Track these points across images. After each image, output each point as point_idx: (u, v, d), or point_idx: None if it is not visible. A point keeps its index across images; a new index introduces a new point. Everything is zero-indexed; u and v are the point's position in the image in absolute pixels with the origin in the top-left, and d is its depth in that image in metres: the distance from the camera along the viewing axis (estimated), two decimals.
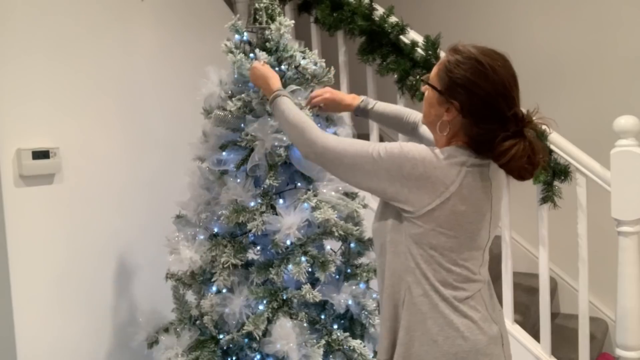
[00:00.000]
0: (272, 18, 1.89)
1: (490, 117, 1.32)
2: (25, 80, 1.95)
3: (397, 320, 1.39)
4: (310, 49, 2.33)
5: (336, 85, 2.93)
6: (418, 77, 2.59)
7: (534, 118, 1.34)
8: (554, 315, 3.29)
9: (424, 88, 1.43)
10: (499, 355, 1.37)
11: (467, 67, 1.32)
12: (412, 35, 2.68)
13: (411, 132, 1.77)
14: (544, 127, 1.37)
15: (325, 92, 1.81)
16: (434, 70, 1.40)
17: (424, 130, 1.69)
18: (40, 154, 1.97)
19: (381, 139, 3.04)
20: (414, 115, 1.77)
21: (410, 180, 1.31)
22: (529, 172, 1.33)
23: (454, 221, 1.33)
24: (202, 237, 1.88)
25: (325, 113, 1.90)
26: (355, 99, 1.81)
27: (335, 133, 1.94)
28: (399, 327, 1.39)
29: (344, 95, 1.83)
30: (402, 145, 1.34)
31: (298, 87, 1.83)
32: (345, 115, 2.91)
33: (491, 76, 1.31)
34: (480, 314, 1.36)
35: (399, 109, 1.81)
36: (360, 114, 1.82)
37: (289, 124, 1.54)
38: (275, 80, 1.68)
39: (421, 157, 1.31)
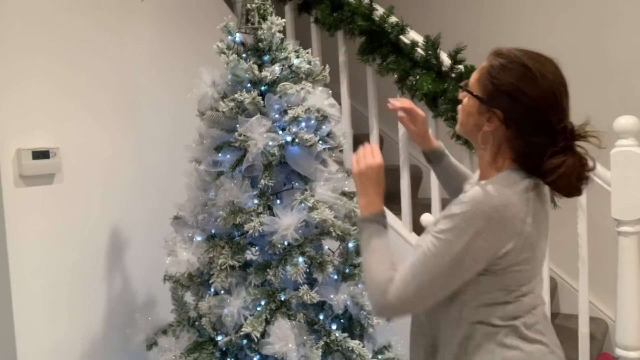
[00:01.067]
0: (264, 18, 1.89)
1: (537, 129, 1.20)
2: (25, 80, 1.95)
3: None
4: (311, 49, 2.33)
5: (336, 85, 2.94)
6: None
7: (585, 131, 1.23)
8: (554, 315, 3.29)
9: (462, 95, 1.31)
10: None
11: (512, 72, 1.21)
12: (412, 35, 2.68)
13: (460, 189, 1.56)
14: (594, 141, 1.23)
15: (408, 104, 1.59)
16: (474, 75, 1.29)
17: None
18: (40, 154, 1.97)
19: (381, 139, 3.04)
20: (470, 175, 1.61)
21: (489, 237, 1.17)
22: (578, 189, 1.23)
23: (530, 252, 1.22)
24: (199, 238, 1.88)
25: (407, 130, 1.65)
26: (433, 139, 1.63)
27: (330, 131, 1.93)
28: None
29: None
30: (461, 212, 1.18)
31: (291, 88, 1.83)
32: (346, 116, 2.92)
33: (540, 83, 1.20)
34: (548, 338, 1.29)
35: (464, 168, 1.66)
36: (433, 157, 1.63)
37: (367, 268, 1.30)
38: (380, 196, 1.37)
39: (490, 206, 1.17)
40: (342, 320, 1.95)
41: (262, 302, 1.78)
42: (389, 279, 1.24)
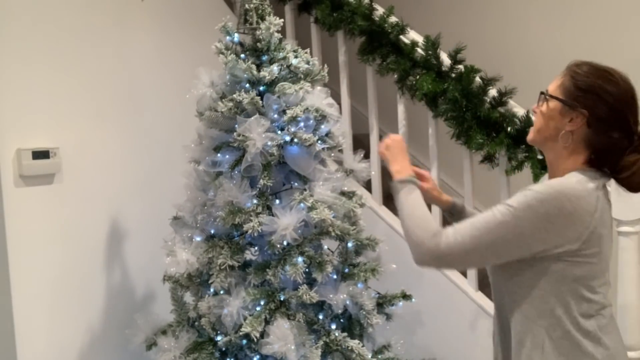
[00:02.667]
0: (262, 18, 1.89)
1: (618, 126, 1.33)
2: (25, 80, 1.96)
3: None
4: (310, 49, 2.33)
5: (336, 85, 2.94)
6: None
7: None
8: None
9: (537, 107, 1.43)
10: None
11: (596, 75, 1.35)
12: (412, 35, 2.68)
13: None
14: None
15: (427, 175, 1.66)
16: (555, 84, 1.41)
17: None
18: (40, 154, 1.97)
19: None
20: None
21: (557, 222, 1.27)
22: None
23: (597, 247, 1.31)
24: (198, 238, 1.88)
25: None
26: (446, 196, 1.69)
27: (329, 131, 1.93)
28: None
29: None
30: (535, 191, 1.29)
31: (290, 88, 1.83)
32: (346, 116, 2.92)
33: (621, 84, 1.35)
34: (619, 342, 1.36)
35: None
36: (455, 212, 1.68)
37: (411, 219, 1.39)
38: (409, 163, 1.53)
39: (564, 195, 1.28)
40: (341, 320, 1.95)
41: (262, 302, 1.78)
42: (437, 228, 1.34)
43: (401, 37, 2.68)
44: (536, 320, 1.34)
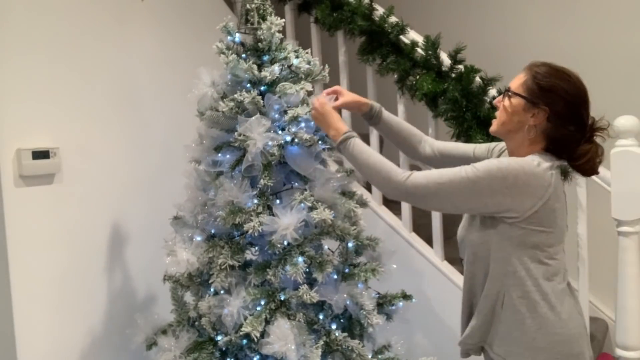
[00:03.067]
0: (263, 18, 1.89)
1: (574, 121, 1.52)
2: (25, 80, 1.96)
3: (495, 320, 1.56)
4: (311, 49, 2.33)
5: (336, 85, 2.94)
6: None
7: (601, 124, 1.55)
8: None
9: (498, 100, 1.60)
10: (586, 342, 1.56)
11: (556, 76, 1.53)
12: (412, 35, 2.68)
13: (415, 149, 1.92)
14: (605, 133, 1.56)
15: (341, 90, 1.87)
16: (517, 82, 1.57)
17: (440, 149, 1.88)
18: (40, 154, 1.97)
19: (381, 139, 3.04)
20: (420, 133, 1.93)
21: (513, 190, 1.46)
22: (596, 170, 1.57)
23: (552, 219, 1.51)
24: (199, 238, 1.88)
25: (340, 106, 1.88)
26: (367, 101, 1.89)
27: None
28: (497, 325, 1.56)
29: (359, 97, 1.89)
30: (499, 161, 1.49)
31: (291, 88, 1.83)
32: (346, 116, 2.92)
33: (577, 84, 1.53)
34: (572, 306, 1.55)
35: (407, 124, 1.94)
36: (373, 117, 1.89)
37: (369, 167, 1.60)
38: (340, 122, 1.71)
39: (521, 167, 1.47)
40: (341, 320, 1.95)
41: (262, 302, 1.78)
42: (402, 170, 1.56)
43: (401, 37, 2.69)
44: (502, 279, 1.53)
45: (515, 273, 1.51)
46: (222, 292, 1.83)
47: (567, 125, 1.52)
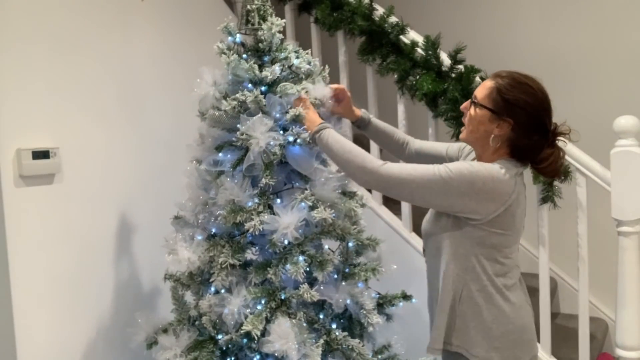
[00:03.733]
0: (264, 19, 1.89)
1: (537, 130, 1.60)
2: (25, 80, 1.95)
3: (454, 314, 1.65)
4: (311, 49, 2.34)
5: None
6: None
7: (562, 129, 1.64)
8: (554, 315, 3.29)
9: (465, 106, 1.68)
10: (534, 330, 1.70)
11: (519, 89, 1.59)
12: (412, 35, 2.68)
13: (400, 149, 2.01)
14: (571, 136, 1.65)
15: (343, 89, 1.93)
16: (483, 92, 1.64)
17: (417, 148, 1.98)
18: (40, 154, 1.97)
19: None
20: (403, 135, 2.02)
21: (480, 194, 1.55)
22: (559, 172, 1.67)
23: (511, 222, 1.61)
24: (200, 237, 1.88)
25: (335, 114, 1.97)
26: (357, 110, 1.98)
27: None
28: (455, 319, 1.65)
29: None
30: (471, 165, 1.57)
31: (292, 88, 1.83)
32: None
33: (539, 95, 1.60)
34: (523, 298, 1.68)
35: (392, 127, 2.03)
36: (361, 125, 2.00)
37: (343, 155, 1.67)
38: (315, 114, 1.79)
39: (489, 174, 1.56)
40: (342, 320, 1.95)
41: (263, 301, 1.78)
42: (379, 159, 1.64)
43: (401, 37, 2.69)
44: (461, 274, 1.64)
45: (474, 268, 1.62)
46: (222, 291, 1.83)
47: (530, 134, 1.59)
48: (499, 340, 1.62)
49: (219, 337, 1.85)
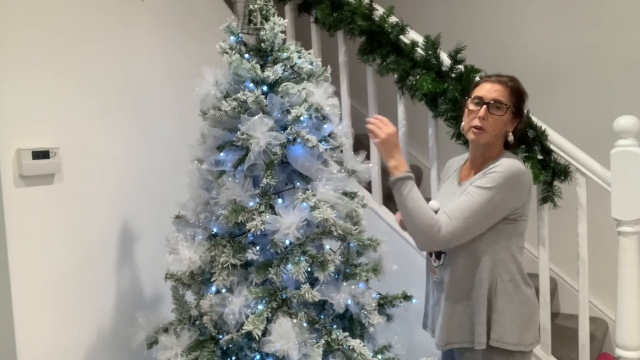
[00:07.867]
0: (266, 19, 1.89)
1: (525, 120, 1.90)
2: (26, 80, 1.95)
3: (491, 308, 1.76)
4: (311, 49, 2.33)
5: (336, 85, 2.93)
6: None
7: None
8: (554, 315, 3.29)
9: (495, 114, 1.77)
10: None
11: (522, 87, 1.83)
12: (412, 35, 2.68)
13: None
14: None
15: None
16: (504, 96, 1.78)
17: None
18: (40, 154, 1.97)
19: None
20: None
21: (516, 193, 1.72)
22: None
23: (528, 208, 1.78)
24: (201, 237, 1.88)
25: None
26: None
27: (332, 132, 1.93)
28: (492, 313, 1.76)
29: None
30: (500, 173, 1.70)
31: (293, 88, 1.83)
32: (346, 116, 2.92)
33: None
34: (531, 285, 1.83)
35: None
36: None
37: (416, 216, 1.70)
38: (403, 158, 1.79)
39: (518, 171, 1.72)
40: (342, 320, 1.96)
41: (264, 301, 1.79)
42: (436, 220, 1.70)
43: (401, 37, 2.69)
44: (493, 268, 1.75)
45: (505, 260, 1.75)
46: (223, 290, 1.83)
47: (522, 125, 1.89)
48: (526, 323, 1.76)
49: (220, 336, 1.86)
